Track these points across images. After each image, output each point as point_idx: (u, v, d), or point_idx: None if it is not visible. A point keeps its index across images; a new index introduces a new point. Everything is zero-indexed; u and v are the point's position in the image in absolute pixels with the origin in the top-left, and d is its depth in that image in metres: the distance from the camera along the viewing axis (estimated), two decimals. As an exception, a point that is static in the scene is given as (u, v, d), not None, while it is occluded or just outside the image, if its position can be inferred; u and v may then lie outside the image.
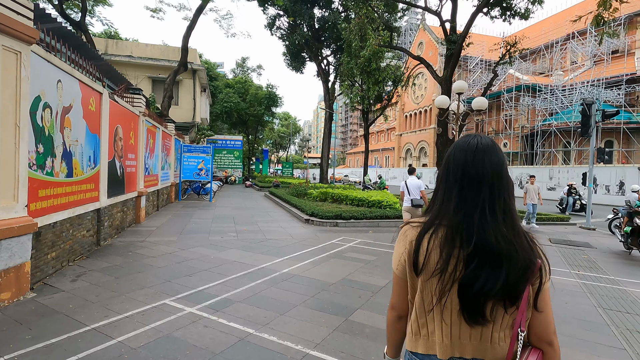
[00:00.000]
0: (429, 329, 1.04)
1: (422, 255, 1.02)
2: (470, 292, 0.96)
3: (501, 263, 0.96)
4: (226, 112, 37.23)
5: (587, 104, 11.38)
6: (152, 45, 23.91)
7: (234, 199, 16.25)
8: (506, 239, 0.97)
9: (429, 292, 1.02)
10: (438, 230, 1.02)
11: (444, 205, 1.05)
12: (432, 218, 1.06)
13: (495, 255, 0.96)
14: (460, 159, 1.05)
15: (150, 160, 10.02)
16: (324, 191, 13.09)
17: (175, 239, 6.91)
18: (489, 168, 1.01)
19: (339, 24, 30.61)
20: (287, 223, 9.63)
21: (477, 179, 1.01)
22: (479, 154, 1.03)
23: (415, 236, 1.05)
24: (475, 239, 0.97)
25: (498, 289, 0.94)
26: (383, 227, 9.53)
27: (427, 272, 1.01)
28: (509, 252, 0.96)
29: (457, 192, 1.03)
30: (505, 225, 0.99)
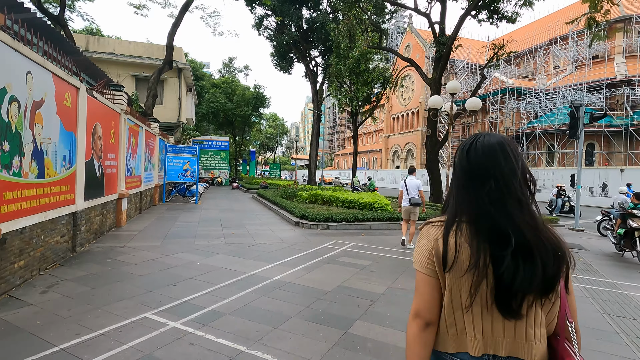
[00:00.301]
0: (458, 327, 1.01)
1: (451, 252, 1.00)
2: (510, 286, 0.94)
3: (533, 255, 0.94)
4: (212, 112, 36.58)
5: (575, 106, 11.47)
6: (135, 42, 23.23)
7: (221, 201, 15.81)
8: (531, 231, 0.96)
9: (458, 290, 0.99)
10: (461, 227, 1.01)
11: (461, 202, 1.04)
12: (452, 215, 1.04)
13: (525, 247, 0.95)
14: (473, 157, 1.05)
15: (132, 160, 9.55)
16: (314, 193, 12.82)
17: (159, 244, 6.51)
18: (505, 166, 1.00)
19: (327, 24, 30.49)
20: (276, 226, 9.31)
21: (491, 174, 1.00)
22: (492, 150, 1.02)
23: (439, 234, 1.03)
24: (501, 233, 0.96)
25: (537, 282, 0.93)
26: (375, 230, 9.31)
27: (458, 269, 0.98)
28: (537, 243, 0.95)
29: (473, 188, 1.02)
30: (526, 217, 0.98)
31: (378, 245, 7.33)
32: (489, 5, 17.46)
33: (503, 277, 0.94)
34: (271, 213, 12.09)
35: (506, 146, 1.03)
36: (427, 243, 1.05)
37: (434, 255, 1.03)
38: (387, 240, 7.88)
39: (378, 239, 7.97)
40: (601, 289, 4.95)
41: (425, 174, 34.61)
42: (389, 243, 7.57)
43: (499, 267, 0.95)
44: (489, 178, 1.00)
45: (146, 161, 11.64)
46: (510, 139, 1.07)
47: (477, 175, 1.03)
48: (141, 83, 22.27)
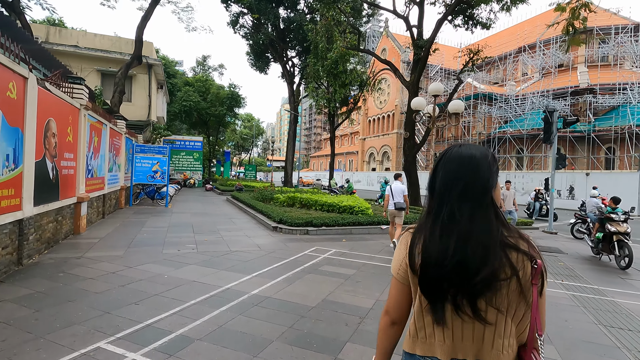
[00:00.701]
0: (427, 331, 1.05)
1: (417, 257, 1.04)
2: (471, 289, 0.97)
3: (489, 260, 0.97)
4: (185, 111, 35.29)
5: (549, 111, 11.72)
6: (101, 35, 21.94)
7: (193, 204, 15.03)
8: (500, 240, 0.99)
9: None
10: (434, 231, 1.04)
11: (430, 210, 1.09)
12: (422, 222, 1.09)
13: (486, 252, 0.97)
14: (447, 167, 1.08)
15: (94, 160, 8.75)
16: (292, 196, 12.38)
17: (122, 254, 5.87)
18: (476, 174, 1.03)
19: (305, 25, 30.15)
20: (253, 231, 8.81)
21: (465, 183, 1.03)
22: (469, 161, 1.05)
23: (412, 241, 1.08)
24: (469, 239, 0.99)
25: (492, 286, 0.96)
26: (356, 235, 9.01)
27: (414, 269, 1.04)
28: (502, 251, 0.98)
29: (440, 197, 1.07)
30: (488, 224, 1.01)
31: (361, 251, 7.01)
32: (465, 10, 17.73)
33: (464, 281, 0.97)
34: (247, 217, 11.54)
35: (482, 158, 1.06)
36: (403, 250, 1.11)
37: (407, 261, 1.07)
38: (370, 246, 7.58)
39: (360, 245, 7.66)
40: (589, 297, 4.86)
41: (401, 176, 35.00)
42: (371, 249, 7.27)
43: (460, 272, 0.98)
44: (454, 188, 1.04)
45: (111, 161, 10.79)
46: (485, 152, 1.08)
47: (444, 186, 1.07)
48: (108, 78, 21.03)
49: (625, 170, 20.66)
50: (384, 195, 15.60)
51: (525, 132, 30.62)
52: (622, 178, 19.08)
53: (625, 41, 31.58)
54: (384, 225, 9.54)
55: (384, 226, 9.52)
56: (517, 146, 32.04)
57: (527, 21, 42.63)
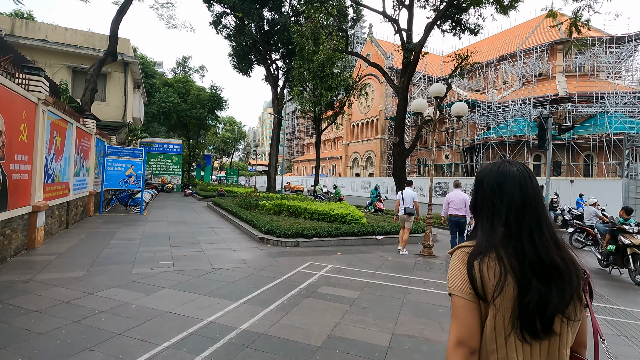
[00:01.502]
0: (500, 354, 1.01)
1: (482, 278, 1.00)
2: (536, 308, 0.96)
3: (563, 280, 0.98)
4: (164, 112, 33.88)
5: (544, 117, 11.49)
6: (73, 30, 20.57)
7: (171, 211, 13.97)
8: (561, 256, 1.01)
9: (502, 315, 0.99)
10: (491, 254, 1.02)
11: (494, 229, 1.06)
12: (485, 242, 1.05)
13: (554, 270, 0.99)
14: (505, 185, 1.07)
15: (56, 163, 7.71)
16: (279, 203, 11.58)
17: (82, 275, 4.94)
18: (532, 192, 1.06)
19: (290, 27, 29.55)
20: (237, 243, 7.97)
21: (525, 202, 1.04)
22: (523, 179, 1.07)
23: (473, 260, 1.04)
24: (532, 258, 1.00)
25: (561, 302, 0.97)
26: (350, 246, 8.32)
27: (489, 296, 0.99)
28: (564, 265, 1.00)
29: (506, 215, 1.05)
30: (552, 242, 1.02)
31: (360, 266, 6.31)
32: (453, 15, 17.54)
33: (531, 300, 0.96)
34: (230, 226, 10.66)
35: (529, 175, 1.09)
36: (463, 270, 1.05)
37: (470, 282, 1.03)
38: (368, 260, 6.90)
39: (358, 259, 6.97)
40: (622, 321, 4.33)
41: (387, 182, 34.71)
42: (371, 264, 6.59)
43: (526, 291, 0.97)
44: (529, 206, 1.04)
45: (78, 165, 9.70)
46: (527, 167, 1.11)
47: (508, 204, 1.05)
48: (79, 76, 19.69)
49: (609, 178, 20.99)
50: (373, 202, 15.02)
51: (508, 139, 30.96)
52: (605, 185, 19.27)
53: (600, 52, 32.58)
54: (380, 236, 8.91)
55: (380, 236, 8.89)
56: (500, 152, 32.36)
57: (507, 30, 43.60)
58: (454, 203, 7.31)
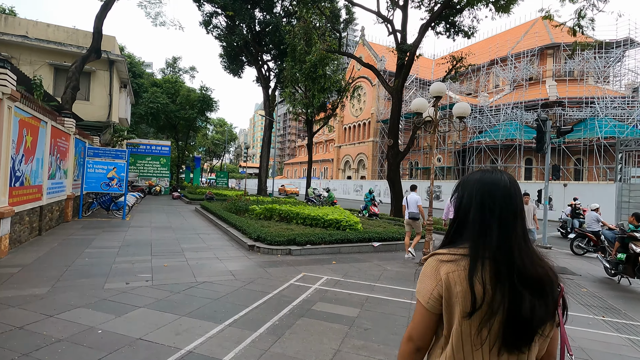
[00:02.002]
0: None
1: (478, 290, 0.99)
2: (526, 322, 0.97)
3: (543, 290, 1.00)
4: (152, 113, 33.04)
5: (542, 120, 11.24)
6: (56, 26, 19.78)
7: (156, 215, 13.31)
8: (540, 266, 1.02)
9: (468, 326, 1.01)
10: (485, 265, 1.01)
11: (482, 239, 1.04)
12: (475, 251, 1.04)
13: (537, 283, 1.00)
14: (500, 194, 1.07)
15: (26, 165, 7.07)
16: (270, 207, 11.05)
17: (45, 292, 4.35)
18: (520, 203, 1.07)
19: (282, 27, 29.11)
20: (224, 251, 7.42)
21: (515, 213, 1.05)
22: (514, 189, 1.08)
23: (451, 269, 1.04)
24: (521, 270, 1.00)
25: (549, 315, 1.00)
26: (346, 254, 7.84)
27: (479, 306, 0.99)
28: (547, 277, 1.02)
29: (499, 226, 1.04)
30: (533, 253, 1.04)
31: (357, 278, 5.83)
32: (448, 17, 17.31)
33: (521, 314, 0.97)
34: (218, 232, 10.09)
35: (516, 185, 1.10)
36: (434, 278, 1.07)
37: (442, 291, 1.04)
38: (365, 270, 6.43)
39: (354, 269, 6.49)
40: (648, 340, 3.94)
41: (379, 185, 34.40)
42: (369, 274, 6.12)
43: (518, 305, 0.97)
44: (515, 217, 1.05)
45: (53, 167, 9.04)
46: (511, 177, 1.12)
47: (506, 214, 1.05)
48: (61, 74, 18.88)
49: (602, 182, 20.97)
50: (368, 206, 14.59)
51: (500, 143, 30.97)
52: (598, 189, 19.22)
53: (589, 57, 32.91)
54: (376, 243, 8.46)
55: (376, 243, 8.43)
56: (492, 156, 32.36)
57: (498, 35, 43.92)
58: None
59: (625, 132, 26.60)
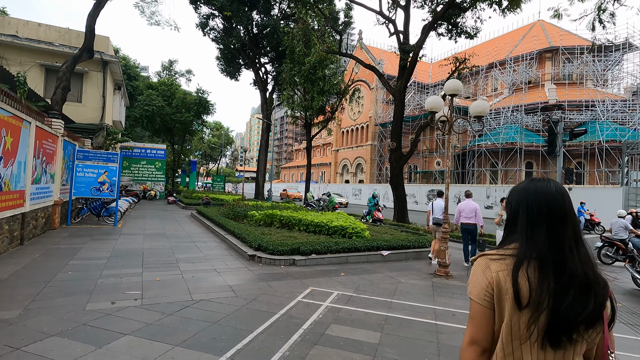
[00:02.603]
0: (515, 356, 1.07)
1: (524, 286, 1.05)
2: (568, 319, 1.02)
3: (589, 290, 1.04)
4: (147, 116, 32.39)
5: (553, 121, 10.80)
6: (47, 26, 19.18)
7: (150, 221, 12.69)
8: (590, 269, 1.07)
9: (517, 321, 1.06)
10: (531, 263, 1.07)
11: (532, 241, 1.10)
12: (523, 252, 1.10)
13: (585, 283, 1.05)
14: (545, 201, 1.13)
15: (5, 169, 6.45)
16: (270, 213, 10.47)
17: (16, 316, 3.75)
18: (569, 208, 1.13)
19: (280, 29, 28.71)
20: (223, 262, 6.83)
21: (564, 217, 1.10)
22: (561, 196, 1.13)
23: (501, 268, 1.10)
24: (568, 270, 1.06)
25: (587, 313, 1.02)
26: (354, 264, 7.28)
27: (526, 303, 1.05)
28: (595, 279, 1.06)
29: (547, 229, 1.10)
30: (585, 256, 1.09)
31: (371, 293, 5.28)
32: (450, 17, 16.95)
33: (562, 311, 1.02)
34: (215, 240, 9.49)
35: (567, 193, 1.16)
36: (486, 276, 1.12)
37: (494, 287, 1.10)
38: (378, 283, 5.87)
39: (365, 282, 5.93)
40: None
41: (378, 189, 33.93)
42: (382, 288, 5.57)
43: (560, 301, 1.03)
44: (564, 221, 1.10)
45: (38, 170, 8.42)
46: (560, 184, 1.18)
47: (553, 219, 1.10)
48: (53, 75, 18.24)
49: (608, 186, 20.60)
50: (371, 212, 14.05)
51: (500, 146, 30.64)
52: (604, 193, 18.81)
53: (588, 61, 32.80)
54: (385, 251, 7.91)
55: (385, 252, 7.89)
56: (492, 159, 32.02)
57: (497, 38, 43.83)
58: (465, 212, 7.76)
59: (627, 136, 26.38)
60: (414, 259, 8.19)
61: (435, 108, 6.59)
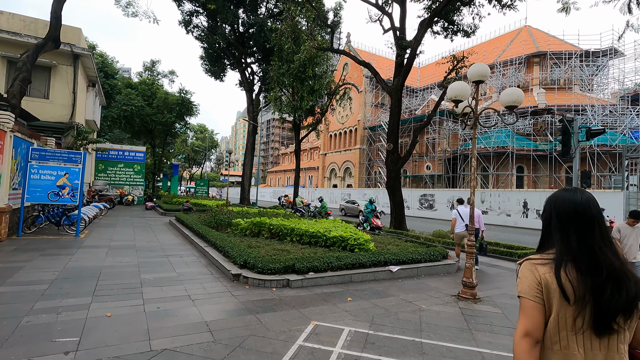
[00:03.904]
0: (562, 344, 1.22)
1: (567, 284, 1.21)
2: (608, 309, 1.18)
3: (622, 283, 1.20)
4: (125, 117, 30.53)
5: (568, 120, 9.95)
6: (10, 14, 17.50)
7: (121, 230, 11.19)
8: (620, 265, 1.23)
9: (564, 314, 1.22)
10: (568, 264, 1.24)
11: (565, 244, 1.28)
12: (560, 255, 1.27)
13: (617, 277, 1.20)
14: (573, 208, 1.30)
15: None
16: (258, 221, 9.16)
17: None
18: (596, 213, 1.29)
19: (267, 27, 27.54)
20: (200, 284, 5.51)
21: (592, 222, 1.28)
22: (588, 203, 1.30)
23: (547, 270, 1.26)
24: (600, 267, 1.22)
25: (624, 304, 1.18)
26: (359, 284, 6.07)
27: (572, 298, 1.20)
28: (625, 274, 1.22)
29: (576, 233, 1.27)
30: (614, 254, 1.25)
31: (392, 328, 4.06)
32: (447, 14, 16.12)
33: (602, 303, 1.18)
34: (194, 253, 8.13)
35: (594, 200, 1.33)
36: (534, 277, 1.27)
37: (542, 286, 1.25)
38: (396, 311, 4.67)
39: (380, 310, 4.72)
40: None
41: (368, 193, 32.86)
42: (404, 320, 4.37)
43: (599, 295, 1.19)
44: (592, 225, 1.27)
45: (-24, 171, 6.92)
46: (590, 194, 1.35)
47: (582, 224, 1.28)
48: (15, 67, 16.49)
49: (608, 190, 20.08)
50: (369, 218, 12.89)
51: (492, 150, 30.16)
52: (605, 197, 18.22)
53: (576, 66, 32.86)
54: (394, 267, 6.74)
55: (394, 268, 6.72)
56: (483, 164, 31.51)
57: (485, 43, 43.79)
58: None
59: (617, 140, 26.25)
60: (426, 275, 7.05)
61: (460, 96, 5.50)
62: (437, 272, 7.22)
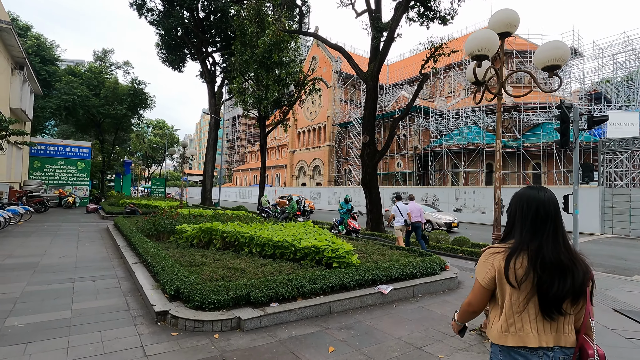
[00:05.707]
0: (517, 326, 1.40)
1: (512, 271, 1.40)
2: (549, 295, 1.36)
3: (566, 274, 1.37)
4: (66, 107, 26.96)
5: (566, 106, 8.87)
6: None
7: (34, 241, 8.76)
8: (567, 257, 1.39)
9: (517, 299, 1.40)
10: (521, 254, 1.41)
11: (522, 236, 1.45)
12: (516, 245, 1.44)
13: (562, 268, 1.38)
14: (534, 205, 1.46)
15: None
16: (207, 228, 7.18)
17: None
18: (554, 210, 1.46)
19: (229, 13, 25.25)
20: (98, 335, 3.51)
21: (547, 217, 1.44)
22: (549, 201, 1.47)
23: (501, 258, 1.45)
24: (548, 258, 1.38)
25: (567, 291, 1.36)
26: (341, 317, 4.35)
27: (517, 284, 1.39)
28: (573, 264, 1.39)
29: (531, 226, 1.45)
30: (565, 247, 1.42)
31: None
32: (424, 0, 14.86)
33: (546, 290, 1.37)
34: (117, 273, 6.04)
35: (554, 198, 1.49)
36: (489, 264, 1.48)
37: (495, 273, 1.45)
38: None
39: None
40: None
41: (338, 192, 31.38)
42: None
43: (542, 282, 1.37)
44: (548, 220, 1.44)
45: None
46: (552, 192, 1.52)
47: (539, 219, 1.44)
48: None
49: (584, 186, 19.84)
50: (345, 220, 11.24)
51: (463, 147, 29.73)
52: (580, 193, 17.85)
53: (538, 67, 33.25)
54: (386, 287, 5.09)
55: (386, 288, 5.07)
56: (454, 160, 31.06)
57: (454, 40, 43.65)
58: (414, 212, 9.05)
59: (582, 137, 26.58)
60: (425, 294, 5.48)
61: (486, 49, 3.92)
62: (437, 290, 5.68)
